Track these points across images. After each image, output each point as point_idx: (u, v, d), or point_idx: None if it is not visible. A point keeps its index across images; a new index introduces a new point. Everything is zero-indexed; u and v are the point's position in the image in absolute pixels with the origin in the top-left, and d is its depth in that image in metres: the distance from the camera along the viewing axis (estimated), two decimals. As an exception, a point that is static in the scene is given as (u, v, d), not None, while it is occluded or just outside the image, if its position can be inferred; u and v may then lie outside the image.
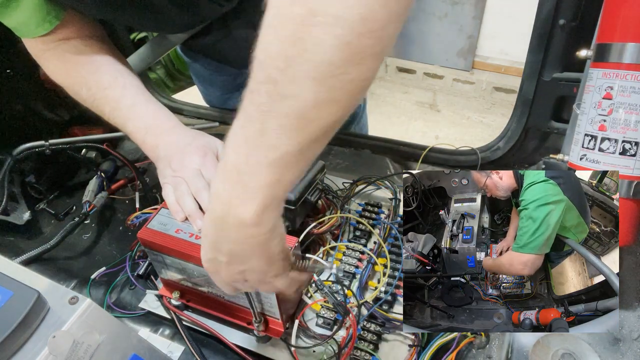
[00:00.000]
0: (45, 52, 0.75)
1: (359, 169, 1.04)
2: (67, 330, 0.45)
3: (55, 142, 0.96)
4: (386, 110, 3.10)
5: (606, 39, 0.63)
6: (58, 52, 0.74)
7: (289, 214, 0.71)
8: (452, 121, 3.01)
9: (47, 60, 0.76)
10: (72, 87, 0.76)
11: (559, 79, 0.86)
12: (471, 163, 1.03)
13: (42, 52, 0.75)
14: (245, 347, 0.68)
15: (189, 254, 0.64)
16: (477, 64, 3.16)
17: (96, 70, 0.75)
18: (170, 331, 0.73)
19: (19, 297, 0.45)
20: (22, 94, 1.06)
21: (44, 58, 0.76)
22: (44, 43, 0.73)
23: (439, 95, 3.23)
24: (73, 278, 0.83)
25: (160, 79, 2.08)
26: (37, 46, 0.74)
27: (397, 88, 3.34)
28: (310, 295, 0.73)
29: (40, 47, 0.74)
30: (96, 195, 0.95)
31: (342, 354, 0.65)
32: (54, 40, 0.73)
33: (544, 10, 0.80)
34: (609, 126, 0.62)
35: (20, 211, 0.96)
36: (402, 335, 0.68)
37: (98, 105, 0.75)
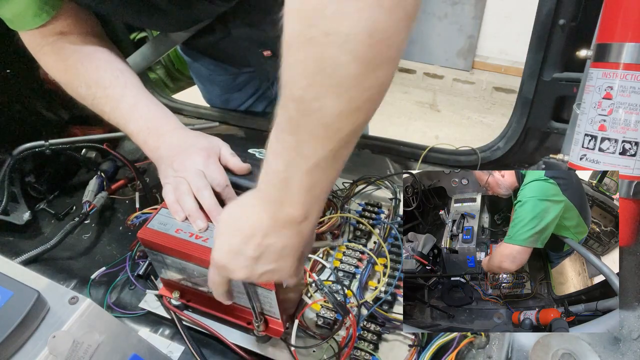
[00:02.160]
0: (43, 46, 0.73)
1: (359, 169, 1.04)
2: (67, 330, 0.45)
3: (55, 142, 0.96)
4: (386, 110, 3.10)
5: (606, 39, 0.63)
6: (56, 48, 0.73)
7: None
8: (452, 121, 3.01)
9: (46, 55, 0.75)
10: (70, 84, 0.75)
11: (559, 79, 0.86)
12: (471, 163, 1.03)
13: (40, 46, 0.74)
14: (245, 347, 0.68)
15: (189, 254, 0.64)
16: (477, 64, 3.16)
17: (96, 69, 0.74)
18: (170, 331, 0.73)
19: (19, 297, 0.45)
20: (22, 94, 1.06)
21: (42, 53, 0.74)
22: (42, 36, 0.72)
23: (439, 95, 3.23)
24: (73, 278, 0.83)
25: (160, 79, 2.08)
26: (34, 40, 0.73)
27: (397, 88, 3.34)
28: (310, 295, 0.73)
29: (38, 41, 0.73)
30: (96, 195, 0.95)
31: (342, 354, 0.65)
32: (52, 33, 0.72)
33: (544, 10, 0.80)
34: (609, 126, 0.62)
35: (20, 211, 0.96)
36: (402, 335, 0.68)
37: (98, 104, 0.74)
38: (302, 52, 0.37)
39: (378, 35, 0.35)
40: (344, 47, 0.35)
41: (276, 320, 0.67)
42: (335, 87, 0.37)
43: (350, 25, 0.35)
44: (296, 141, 0.41)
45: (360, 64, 0.36)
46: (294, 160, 0.42)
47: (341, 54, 0.36)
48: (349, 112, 0.39)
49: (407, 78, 3.37)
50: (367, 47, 0.35)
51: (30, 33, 0.72)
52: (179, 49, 1.15)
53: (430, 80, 3.30)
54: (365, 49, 0.36)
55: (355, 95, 0.38)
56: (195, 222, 0.67)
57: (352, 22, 0.34)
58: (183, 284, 0.71)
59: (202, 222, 0.67)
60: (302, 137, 0.41)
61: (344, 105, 0.38)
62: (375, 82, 0.38)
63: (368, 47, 0.35)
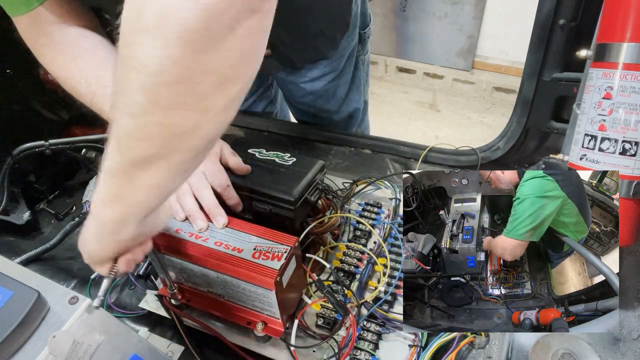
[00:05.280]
0: (40, 37, 0.71)
1: (359, 169, 1.04)
2: (67, 330, 0.45)
3: (55, 142, 0.96)
4: (386, 110, 3.10)
5: (606, 39, 0.63)
6: (55, 42, 0.72)
7: (289, 214, 0.71)
8: (452, 121, 3.01)
9: (44, 47, 0.73)
10: (69, 81, 0.73)
11: (559, 79, 0.86)
12: (471, 163, 1.03)
13: (37, 36, 0.71)
14: (245, 347, 0.68)
15: (189, 254, 0.64)
16: (477, 64, 3.16)
17: (97, 66, 0.72)
18: (170, 331, 0.73)
19: (19, 297, 0.45)
20: (22, 94, 1.06)
21: (39, 44, 0.72)
22: (38, 25, 0.70)
23: (439, 95, 3.22)
24: (73, 278, 0.83)
25: (160, 79, 2.07)
26: (31, 29, 0.71)
27: (397, 88, 3.34)
28: (310, 295, 0.73)
29: (34, 30, 0.71)
30: (96, 195, 0.95)
31: (342, 354, 0.65)
32: (47, 22, 0.70)
33: (544, 10, 0.80)
34: (608, 126, 0.62)
35: (20, 211, 0.96)
36: (402, 335, 0.68)
37: (97, 103, 0.73)
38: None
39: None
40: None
41: (276, 320, 0.67)
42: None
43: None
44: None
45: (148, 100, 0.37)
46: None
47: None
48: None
49: (407, 78, 3.36)
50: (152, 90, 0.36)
51: (24, 21, 0.70)
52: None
53: (430, 80, 3.30)
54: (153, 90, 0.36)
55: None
56: (195, 222, 0.67)
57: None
58: (183, 284, 0.71)
59: (202, 222, 0.67)
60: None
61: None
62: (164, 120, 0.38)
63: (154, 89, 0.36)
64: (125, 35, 0.36)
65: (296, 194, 0.70)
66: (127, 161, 0.42)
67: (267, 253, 0.62)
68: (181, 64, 0.34)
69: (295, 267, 0.65)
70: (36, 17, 0.69)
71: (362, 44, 1.13)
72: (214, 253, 0.63)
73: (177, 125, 0.38)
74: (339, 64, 1.08)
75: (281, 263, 0.61)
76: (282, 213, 0.72)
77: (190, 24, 0.33)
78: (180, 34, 0.33)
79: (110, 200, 0.46)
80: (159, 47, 0.34)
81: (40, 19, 0.70)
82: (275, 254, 0.62)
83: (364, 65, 1.19)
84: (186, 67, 0.35)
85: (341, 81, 1.12)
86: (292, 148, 1.15)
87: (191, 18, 0.32)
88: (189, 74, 0.35)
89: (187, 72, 0.35)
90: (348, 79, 1.14)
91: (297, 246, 0.64)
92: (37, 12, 0.69)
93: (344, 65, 1.09)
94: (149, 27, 0.33)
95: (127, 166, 0.42)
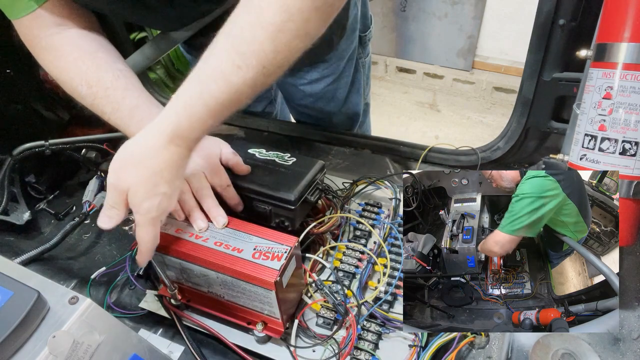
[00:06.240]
0: (41, 40, 0.71)
1: (359, 169, 1.04)
2: (67, 330, 0.45)
3: (55, 142, 0.96)
4: (386, 110, 3.10)
5: (606, 39, 0.63)
6: (56, 44, 0.72)
7: (289, 214, 0.71)
8: (452, 121, 3.00)
9: (45, 50, 0.73)
10: (70, 83, 0.73)
11: (559, 78, 0.86)
12: (471, 163, 1.03)
13: (37, 39, 0.72)
14: (245, 347, 0.68)
15: (189, 254, 0.64)
16: (477, 64, 3.16)
17: (98, 68, 0.72)
18: (170, 331, 0.73)
19: (19, 297, 0.45)
20: (22, 94, 1.06)
21: (40, 47, 0.72)
22: (38, 27, 0.70)
23: (439, 95, 3.22)
24: (73, 278, 0.83)
25: (160, 78, 2.08)
26: (31, 32, 0.71)
27: (397, 88, 3.34)
28: (310, 295, 0.73)
29: (34, 33, 0.71)
30: (96, 195, 0.94)
31: (342, 354, 0.65)
32: (48, 24, 0.70)
33: (544, 10, 0.80)
34: (608, 126, 0.62)
35: (20, 211, 0.96)
36: (402, 335, 0.68)
37: (98, 105, 0.73)
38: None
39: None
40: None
41: (276, 320, 0.67)
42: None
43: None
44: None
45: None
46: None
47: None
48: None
49: (407, 78, 3.36)
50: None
51: (25, 24, 0.70)
52: (182, 48, 1.15)
53: (430, 80, 3.30)
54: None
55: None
56: (195, 222, 0.67)
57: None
58: (183, 284, 0.71)
59: (202, 222, 0.67)
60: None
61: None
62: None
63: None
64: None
65: (296, 194, 0.70)
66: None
67: (267, 253, 0.62)
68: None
69: (295, 267, 0.65)
70: (36, 19, 0.69)
71: (362, 46, 1.13)
72: (214, 253, 0.63)
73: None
74: (338, 67, 1.07)
75: (281, 263, 0.61)
76: (282, 213, 0.72)
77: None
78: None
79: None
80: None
81: (39, 22, 0.70)
82: (275, 254, 0.62)
83: (365, 68, 1.18)
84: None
85: (341, 84, 1.11)
86: (292, 148, 1.15)
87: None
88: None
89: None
90: (348, 82, 1.13)
91: (297, 246, 0.64)
92: (36, 14, 0.69)
93: (343, 68, 1.09)
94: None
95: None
